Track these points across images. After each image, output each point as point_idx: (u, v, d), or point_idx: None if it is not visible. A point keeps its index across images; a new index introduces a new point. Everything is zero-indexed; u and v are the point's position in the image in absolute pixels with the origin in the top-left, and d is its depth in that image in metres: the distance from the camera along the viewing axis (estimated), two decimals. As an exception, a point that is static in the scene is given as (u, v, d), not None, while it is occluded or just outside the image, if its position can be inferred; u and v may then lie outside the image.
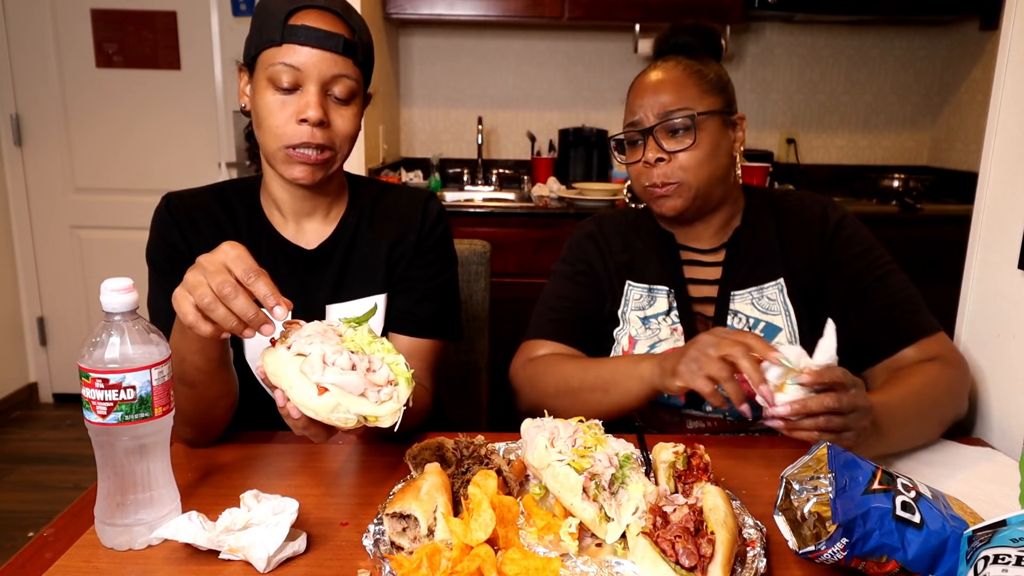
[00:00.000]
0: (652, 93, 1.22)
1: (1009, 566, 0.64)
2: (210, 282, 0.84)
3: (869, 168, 3.69)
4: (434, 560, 0.77)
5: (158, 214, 1.21)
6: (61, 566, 0.80)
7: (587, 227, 1.39)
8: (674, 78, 1.23)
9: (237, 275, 0.85)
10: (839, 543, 0.72)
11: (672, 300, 1.28)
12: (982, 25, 3.32)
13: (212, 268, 0.85)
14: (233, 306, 0.84)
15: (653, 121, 1.21)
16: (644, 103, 1.23)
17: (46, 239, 3.55)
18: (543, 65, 3.65)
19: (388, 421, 0.84)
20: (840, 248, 1.25)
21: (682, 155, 1.20)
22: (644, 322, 1.29)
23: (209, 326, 0.86)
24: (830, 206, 1.30)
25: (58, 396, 3.73)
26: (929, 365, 1.16)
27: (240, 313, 0.84)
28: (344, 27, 1.11)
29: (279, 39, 1.08)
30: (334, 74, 1.10)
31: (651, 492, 0.84)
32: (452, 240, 1.34)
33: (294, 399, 0.83)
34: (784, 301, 1.25)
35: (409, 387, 0.86)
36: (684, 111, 1.20)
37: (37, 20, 3.33)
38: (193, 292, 0.85)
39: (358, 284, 1.24)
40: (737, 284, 1.27)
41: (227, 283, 0.84)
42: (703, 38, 1.29)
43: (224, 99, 3.43)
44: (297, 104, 1.09)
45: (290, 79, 1.09)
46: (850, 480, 0.76)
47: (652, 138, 1.21)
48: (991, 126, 1.26)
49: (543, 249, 2.98)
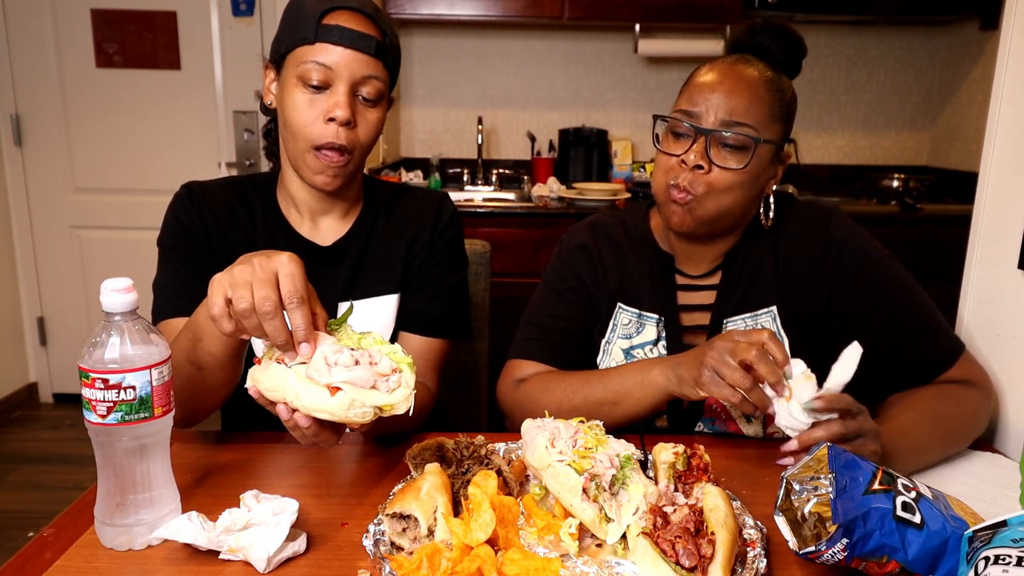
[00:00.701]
0: (724, 92, 1.08)
1: (1010, 566, 0.64)
2: (255, 291, 0.82)
3: (869, 168, 3.69)
4: (434, 560, 0.77)
5: (178, 200, 1.22)
6: (61, 566, 0.80)
7: (580, 237, 1.29)
8: (751, 86, 1.09)
9: (283, 293, 0.83)
10: (839, 543, 0.72)
11: (661, 329, 1.21)
12: (982, 25, 3.33)
13: (262, 276, 0.83)
14: (265, 324, 0.83)
15: (714, 124, 1.08)
16: (711, 98, 1.09)
17: (46, 239, 3.55)
18: (543, 65, 3.65)
19: (403, 407, 0.85)
20: (847, 272, 1.15)
21: (723, 172, 1.08)
22: (627, 354, 1.22)
23: (232, 326, 0.85)
24: (835, 221, 1.18)
25: (58, 396, 3.73)
26: (955, 389, 1.11)
27: (269, 333, 0.83)
28: (376, 29, 1.12)
29: (312, 37, 1.09)
30: (364, 75, 1.11)
31: (652, 492, 0.84)
32: (463, 242, 1.35)
33: (304, 406, 0.83)
34: (778, 330, 1.17)
35: (413, 370, 0.87)
36: (748, 129, 1.07)
37: (37, 20, 3.32)
38: (232, 290, 0.83)
39: (372, 283, 1.25)
40: (731, 310, 1.19)
41: (269, 300, 0.82)
42: (788, 46, 1.15)
43: (224, 99, 3.42)
44: (326, 103, 1.10)
45: (321, 77, 1.09)
46: (850, 480, 0.76)
47: (704, 141, 1.08)
48: (991, 126, 1.26)
49: (543, 249, 2.98)
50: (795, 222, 1.20)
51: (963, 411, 1.10)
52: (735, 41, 1.18)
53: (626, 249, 1.26)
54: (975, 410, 1.12)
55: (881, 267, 1.15)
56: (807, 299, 1.17)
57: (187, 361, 0.98)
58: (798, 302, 1.17)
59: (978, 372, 1.16)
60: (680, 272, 1.23)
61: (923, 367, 1.14)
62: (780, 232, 1.19)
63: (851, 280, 1.15)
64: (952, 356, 1.14)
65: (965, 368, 1.14)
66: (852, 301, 1.15)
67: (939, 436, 1.07)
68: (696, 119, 1.10)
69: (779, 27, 1.15)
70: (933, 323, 1.15)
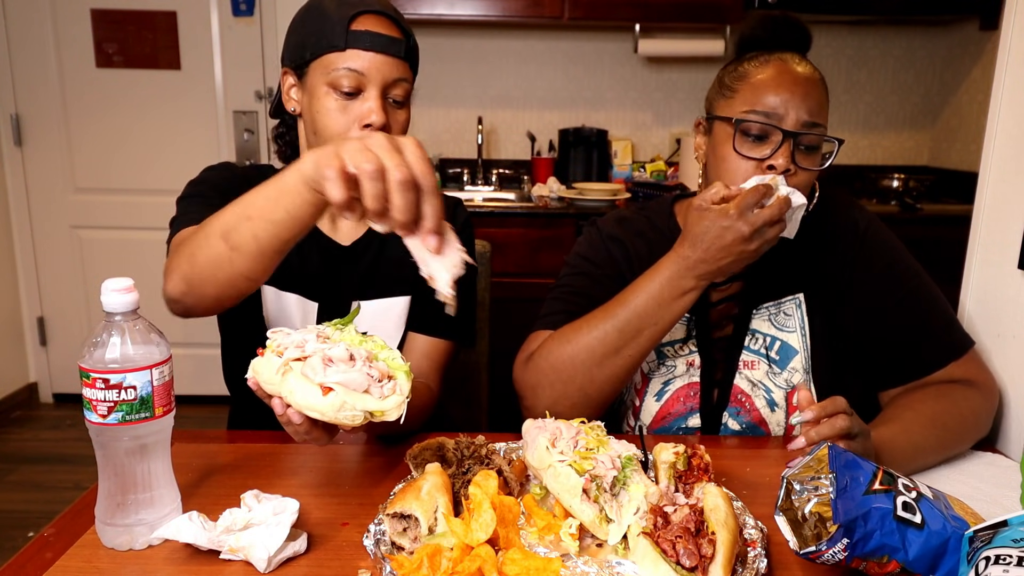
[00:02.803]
0: (801, 92, 1.07)
1: (1010, 566, 0.64)
2: (384, 158, 0.74)
3: (869, 168, 3.69)
4: (435, 560, 0.77)
5: (213, 167, 1.23)
6: (61, 566, 0.80)
7: (611, 228, 1.27)
8: (816, 85, 1.09)
9: (417, 173, 0.75)
10: (840, 543, 0.72)
11: (692, 327, 1.21)
12: (982, 25, 3.32)
13: (390, 147, 0.75)
14: (395, 197, 0.74)
15: (797, 125, 1.06)
16: (792, 99, 1.06)
17: (46, 239, 3.55)
18: (543, 65, 3.65)
19: (394, 414, 0.84)
20: (869, 258, 1.17)
21: (805, 174, 1.08)
22: (658, 355, 1.21)
23: (344, 193, 0.75)
24: (858, 209, 1.21)
25: (58, 396, 3.73)
26: (956, 390, 1.11)
27: (397, 205, 0.74)
28: (400, 31, 1.13)
29: (343, 44, 1.09)
30: (395, 78, 1.12)
31: (652, 492, 0.84)
32: (475, 248, 1.35)
33: (297, 403, 0.82)
34: (801, 317, 1.18)
35: (409, 378, 0.86)
36: (822, 129, 1.08)
37: (37, 20, 3.32)
38: (351, 155, 0.74)
39: (386, 284, 1.25)
40: (758, 299, 1.19)
41: (403, 167, 0.74)
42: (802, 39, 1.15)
43: (224, 99, 3.43)
44: (359, 109, 1.10)
45: (352, 84, 1.09)
46: (851, 480, 0.76)
47: (791, 144, 1.06)
48: (991, 126, 1.26)
49: (543, 249, 2.98)
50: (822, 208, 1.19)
51: (963, 412, 1.10)
52: (749, 35, 1.16)
53: (655, 246, 1.24)
54: (975, 412, 1.11)
55: (899, 255, 1.18)
56: (831, 284, 1.18)
57: (222, 237, 0.88)
58: (825, 289, 1.18)
59: (983, 374, 1.16)
60: None
61: (929, 353, 1.14)
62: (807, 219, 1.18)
63: (871, 263, 1.17)
64: (960, 349, 1.15)
65: (969, 368, 1.14)
66: (870, 283, 1.16)
67: (937, 437, 1.07)
68: (780, 120, 1.07)
69: (792, 20, 1.15)
70: (945, 315, 1.17)
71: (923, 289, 1.16)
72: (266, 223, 0.85)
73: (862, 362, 1.19)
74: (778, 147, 1.06)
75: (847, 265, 1.17)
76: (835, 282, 1.18)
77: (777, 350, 1.18)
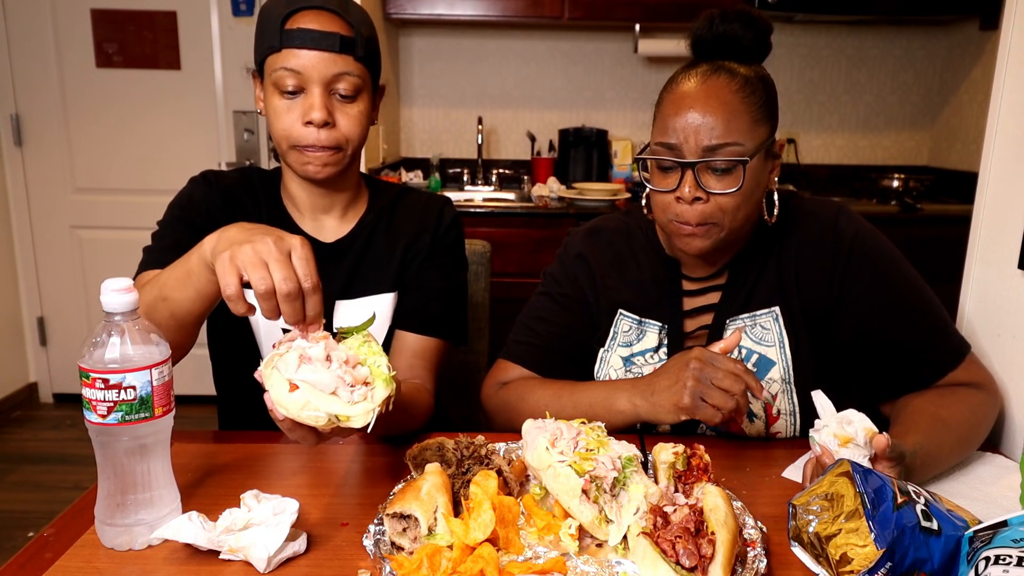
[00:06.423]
0: (699, 115, 1.02)
1: (1010, 566, 0.64)
2: (273, 271, 0.81)
3: (869, 168, 3.69)
4: (434, 560, 0.77)
5: (196, 182, 1.25)
6: (61, 566, 0.80)
7: (579, 245, 1.26)
8: (725, 102, 1.02)
9: (299, 275, 0.82)
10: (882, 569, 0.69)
11: (663, 336, 1.19)
12: (982, 25, 3.32)
13: (279, 256, 0.81)
14: (285, 307, 0.81)
15: (696, 154, 1.02)
16: (686, 125, 1.02)
17: (46, 239, 3.55)
18: (543, 65, 3.65)
19: (360, 421, 0.80)
20: (856, 269, 1.12)
21: (723, 198, 1.04)
22: (626, 362, 1.20)
23: (245, 307, 0.83)
24: (844, 217, 1.14)
25: (58, 396, 3.73)
26: (968, 394, 1.10)
27: (288, 315, 0.82)
28: (342, 24, 1.12)
29: (278, 44, 1.10)
30: (335, 73, 1.11)
31: (652, 492, 0.84)
32: (464, 247, 1.35)
33: (273, 397, 0.81)
34: (779, 331, 1.14)
35: (387, 388, 0.83)
36: (734, 148, 1.02)
37: (37, 20, 3.32)
38: (250, 270, 0.81)
39: (370, 281, 1.26)
40: (735, 310, 1.16)
41: (290, 280, 0.81)
42: (755, 31, 1.08)
43: (224, 99, 3.42)
44: (302, 107, 1.11)
45: (293, 83, 1.10)
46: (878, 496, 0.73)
47: (692, 174, 1.03)
48: (991, 126, 1.26)
49: (543, 249, 2.98)
50: (802, 219, 1.17)
51: (976, 416, 1.09)
52: (696, 36, 1.10)
53: (628, 257, 1.23)
54: (986, 414, 1.11)
55: (891, 265, 1.13)
56: (814, 297, 1.14)
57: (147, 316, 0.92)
58: (804, 300, 1.14)
59: (984, 375, 1.15)
60: (686, 277, 1.21)
61: (928, 367, 1.13)
62: (787, 230, 1.16)
63: (860, 277, 1.12)
64: (958, 357, 1.13)
65: (971, 370, 1.13)
66: (860, 298, 1.12)
67: (953, 442, 1.04)
68: (678, 151, 1.04)
69: (741, 12, 1.08)
70: (941, 323, 1.13)
71: (918, 300, 1.13)
72: (179, 302, 0.94)
73: (860, 373, 1.17)
74: (680, 179, 1.04)
75: (834, 277, 1.12)
76: (819, 296, 1.13)
77: (754, 363, 1.15)
